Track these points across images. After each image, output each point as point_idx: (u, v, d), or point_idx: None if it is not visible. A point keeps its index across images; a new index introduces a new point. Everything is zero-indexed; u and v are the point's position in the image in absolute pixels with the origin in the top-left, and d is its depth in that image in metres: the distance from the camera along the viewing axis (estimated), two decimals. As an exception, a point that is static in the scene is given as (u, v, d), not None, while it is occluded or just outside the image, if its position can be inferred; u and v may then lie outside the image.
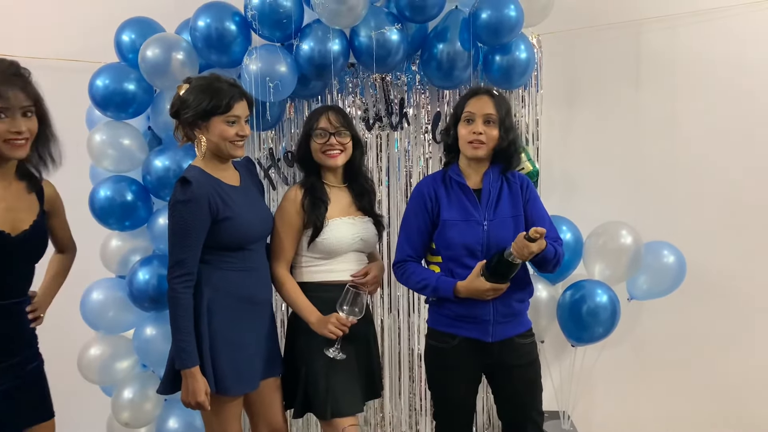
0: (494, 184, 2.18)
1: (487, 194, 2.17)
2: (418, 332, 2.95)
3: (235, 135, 2.05)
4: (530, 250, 1.97)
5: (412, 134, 2.91)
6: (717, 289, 3.07)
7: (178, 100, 2.06)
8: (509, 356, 2.18)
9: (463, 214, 2.16)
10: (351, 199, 2.30)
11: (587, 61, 3.04)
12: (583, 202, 3.01)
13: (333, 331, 2.10)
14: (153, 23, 2.71)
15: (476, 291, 2.09)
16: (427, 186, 2.23)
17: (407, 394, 3.00)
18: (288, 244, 2.22)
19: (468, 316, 2.15)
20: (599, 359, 3.02)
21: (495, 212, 2.16)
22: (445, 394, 2.26)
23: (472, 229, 2.14)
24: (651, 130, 3.05)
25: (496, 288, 2.08)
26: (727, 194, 3.03)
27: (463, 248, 2.14)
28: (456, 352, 2.18)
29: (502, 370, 2.21)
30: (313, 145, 2.23)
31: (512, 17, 2.53)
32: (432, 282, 2.15)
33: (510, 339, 2.18)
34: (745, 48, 2.98)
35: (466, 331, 2.16)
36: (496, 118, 2.14)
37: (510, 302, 2.16)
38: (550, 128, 2.96)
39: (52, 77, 2.83)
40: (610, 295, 2.74)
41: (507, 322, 2.17)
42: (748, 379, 3.11)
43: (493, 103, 2.15)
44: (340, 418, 2.14)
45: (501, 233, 2.13)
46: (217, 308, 2.06)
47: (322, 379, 2.16)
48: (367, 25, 2.54)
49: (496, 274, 2.05)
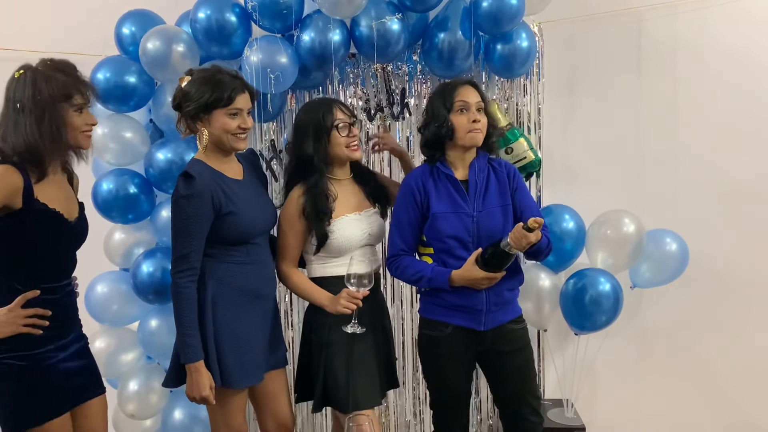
0: (481, 175, 2.21)
1: (474, 185, 2.19)
2: (422, 322, 2.96)
3: (237, 128, 2.04)
4: (528, 240, 2.00)
5: (414, 124, 2.90)
6: (719, 277, 3.08)
7: (180, 92, 2.06)
8: (501, 343, 2.23)
9: (453, 206, 2.18)
10: (358, 188, 2.29)
11: (589, 49, 3.03)
12: (585, 191, 3.01)
13: (346, 305, 2.08)
14: (153, 15, 2.71)
15: (471, 280, 2.12)
16: (415, 179, 2.24)
17: (411, 383, 3.01)
18: (293, 244, 2.20)
19: (461, 306, 2.18)
20: (602, 347, 3.03)
21: (483, 203, 2.18)
22: (441, 383, 2.30)
23: (461, 220, 2.17)
24: (653, 117, 3.04)
25: (491, 277, 2.11)
26: (730, 182, 3.03)
27: (453, 240, 2.17)
28: (449, 340, 2.22)
29: (494, 357, 2.25)
30: (339, 140, 2.17)
31: (513, 6, 2.52)
32: (427, 273, 2.17)
33: (502, 326, 2.23)
34: (746, 35, 2.96)
35: (459, 320, 2.20)
36: (483, 106, 2.20)
37: (501, 291, 2.20)
38: (551, 117, 2.95)
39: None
40: (612, 283, 2.74)
41: (499, 310, 2.21)
42: (750, 366, 3.12)
43: (478, 92, 2.21)
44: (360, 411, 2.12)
45: (490, 224, 2.16)
46: (221, 302, 2.07)
47: (342, 372, 2.15)
48: (368, 15, 2.53)
49: (491, 263, 2.08)
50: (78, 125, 1.89)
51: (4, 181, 1.79)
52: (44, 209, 1.85)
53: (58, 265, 1.96)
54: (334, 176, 2.24)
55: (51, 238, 1.89)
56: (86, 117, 1.92)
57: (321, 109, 2.19)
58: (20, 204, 1.81)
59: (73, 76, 1.90)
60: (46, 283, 1.91)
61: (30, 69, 1.86)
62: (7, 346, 1.85)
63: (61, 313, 1.95)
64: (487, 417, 2.95)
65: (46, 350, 1.90)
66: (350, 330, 2.11)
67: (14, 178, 1.80)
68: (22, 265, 1.87)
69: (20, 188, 1.80)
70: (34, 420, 1.87)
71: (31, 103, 1.81)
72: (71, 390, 1.96)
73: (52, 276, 1.93)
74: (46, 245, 1.89)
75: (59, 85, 1.84)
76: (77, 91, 1.88)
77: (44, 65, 1.89)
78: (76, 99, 1.87)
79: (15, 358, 1.85)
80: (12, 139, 1.81)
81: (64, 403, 1.94)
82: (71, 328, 2.01)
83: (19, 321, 1.84)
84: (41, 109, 1.81)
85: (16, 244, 1.85)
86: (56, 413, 1.90)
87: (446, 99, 2.19)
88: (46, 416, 1.88)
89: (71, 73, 1.90)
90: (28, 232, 1.84)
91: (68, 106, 1.86)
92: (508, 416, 2.32)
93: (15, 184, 1.80)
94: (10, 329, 1.83)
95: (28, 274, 1.88)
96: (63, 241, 1.94)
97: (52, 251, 1.91)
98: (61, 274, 1.97)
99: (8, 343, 1.85)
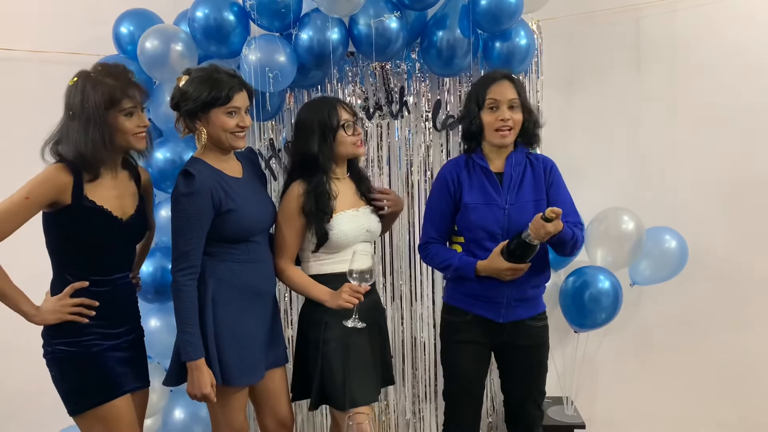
0: (517, 168, 2.21)
1: (509, 178, 2.19)
2: (421, 320, 2.96)
3: (235, 126, 2.04)
4: (546, 230, 1.99)
5: (413, 122, 2.90)
6: (719, 274, 3.08)
7: (178, 92, 2.06)
8: (519, 337, 2.24)
9: (485, 197, 2.19)
10: (354, 188, 2.30)
11: (587, 46, 3.03)
12: (584, 188, 2.99)
13: (348, 300, 2.07)
14: (151, 15, 2.70)
15: (496, 270, 2.13)
16: (449, 170, 2.26)
17: (411, 381, 3.02)
18: (291, 241, 2.20)
19: (482, 296, 2.21)
20: (602, 345, 3.03)
21: (517, 196, 2.19)
22: (456, 369, 2.32)
23: (492, 212, 2.18)
24: (652, 115, 3.04)
25: (514, 268, 2.11)
26: (729, 179, 3.03)
27: (483, 231, 2.18)
28: (468, 327, 2.25)
29: (511, 350, 2.28)
30: (346, 139, 2.18)
31: (512, 3, 2.52)
32: (454, 262, 2.20)
33: (522, 321, 2.24)
34: (744, 33, 2.96)
35: (479, 309, 2.23)
36: (518, 102, 2.17)
37: (525, 288, 2.21)
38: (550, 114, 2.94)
39: (50, 70, 2.86)
40: (612, 281, 2.74)
41: (519, 306, 2.22)
42: (750, 363, 3.12)
43: (514, 87, 2.18)
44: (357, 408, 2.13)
45: (522, 217, 2.15)
46: (222, 300, 2.07)
47: (339, 370, 2.15)
48: (366, 14, 2.53)
49: (514, 254, 2.09)
50: (128, 129, 1.96)
51: (52, 181, 1.88)
52: (92, 207, 1.93)
53: (108, 259, 2.03)
54: (335, 174, 2.24)
55: (99, 234, 1.97)
56: (137, 120, 1.98)
57: (325, 108, 2.18)
58: (69, 200, 1.90)
59: (122, 80, 1.94)
60: (96, 276, 2.00)
61: (82, 75, 1.94)
62: (58, 333, 1.97)
63: (111, 305, 2.03)
64: (487, 415, 2.95)
65: (92, 338, 1.98)
66: (350, 325, 2.10)
67: (62, 177, 1.89)
68: (74, 258, 1.98)
69: (68, 186, 1.89)
70: (89, 401, 1.98)
71: (80, 110, 1.89)
72: (118, 377, 2.03)
73: (102, 269, 2.01)
74: (94, 240, 1.97)
75: (106, 92, 1.90)
76: (125, 95, 1.93)
77: (95, 71, 1.96)
78: (124, 104, 1.93)
79: (65, 344, 1.97)
80: (65, 144, 1.91)
81: (116, 387, 2.01)
82: (124, 319, 2.08)
83: (66, 309, 1.96)
84: (88, 115, 1.89)
85: (68, 239, 1.95)
86: (108, 397, 1.99)
87: (479, 94, 2.20)
88: (99, 399, 1.98)
89: (121, 77, 1.95)
90: (78, 227, 1.94)
91: (116, 112, 1.93)
92: (512, 405, 2.37)
93: (62, 182, 1.89)
94: (56, 317, 1.95)
95: (79, 266, 1.99)
96: (112, 237, 2.01)
97: (101, 246, 1.99)
98: (112, 268, 2.05)
99: (58, 330, 1.96)
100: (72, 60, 2.82)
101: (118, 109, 1.93)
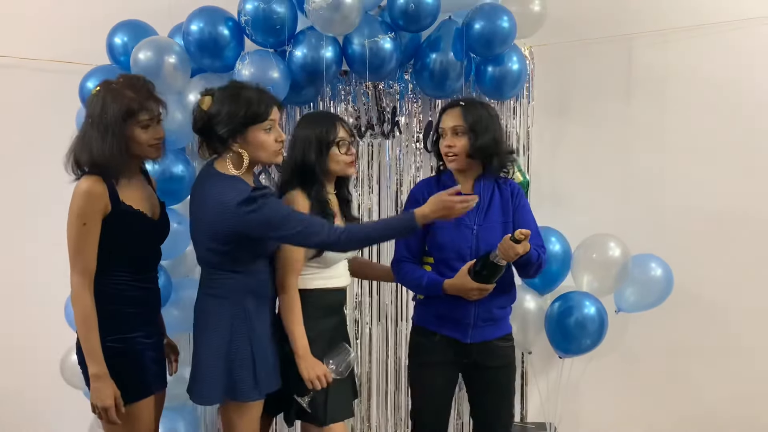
0: (485, 190, 2.24)
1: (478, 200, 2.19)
2: (405, 341, 2.94)
3: (274, 141, 2.02)
4: (515, 251, 2.03)
5: (404, 143, 2.91)
6: (703, 303, 3.09)
7: (204, 114, 1.99)
8: (485, 357, 2.26)
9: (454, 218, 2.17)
10: (339, 206, 2.30)
11: (579, 73, 3.05)
12: (572, 214, 3.02)
13: (319, 381, 2.09)
14: (145, 26, 2.70)
15: (462, 289, 2.15)
16: (420, 190, 2.29)
17: (393, 402, 2.99)
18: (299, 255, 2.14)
19: (450, 317, 2.23)
20: (586, 371, 3.02)
21: (485, 217, 2.23)
22: (424, 390, 2.33)
23: (461, 233, 2.21)
24: (640, 143, 3.06)
25: (481, 288, 2.13)
26: (715, 209, 3.05)
27: (452, 251, 2.21)
28: (436, 348, 2.26)
29: (477, 371, 2.29)
30: (338, 157, 2.17)
31: (505, 28, 2.55)
32: (423, 281, 2.22)
33: (488, 341, 2.26)
34: (735, 64, 3.00)
35: (447, 330, 2.25)
36: (463, 128, 2.19)
37: (490, 308, 2.23)
38: (540, 139, 2.97)
39: (43, 79, 2.85)
40: (597, 306, 2.74)
41: (486, 326, 2.24)
42: (734, 392, 3.12)
43: (461, 113, 2.20)
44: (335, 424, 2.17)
45: (490, 238, 2.19)
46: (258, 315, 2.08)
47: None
48: (361, 33, 2.54)
49: (480, 275, 2.11)
50: (144, 140, 1.99)
51: (93, 194, 1.93)
52: (129, 210, 2.00)
53: (146, 259, 2.10)
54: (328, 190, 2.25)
55: (140, 235, 2.04)
56: (153, 132, 2.01)
57: (325, 123, 2.20)
58: (110, 208, 1.96)
59: (142, 93, 1.98)
60: (137, 275, 2.05)
61: (104, 86, 1.98)
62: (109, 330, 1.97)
63: (150, 303, 2.11)
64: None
65: (137, 335, 2.04)
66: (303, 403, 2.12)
67: (99, 187, 1.94)
68: (120, 260, 2.01)
69: (105, 194, 1.95)
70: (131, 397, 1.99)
71: (99, 120, 1.93)
72: (152, 376, 2.09)
73: (144, 268, 2.09)
74: (136, 242, 2.04)
75: (125, 104, 1.93)
76: (142, 108, 1.96)
77: (117, 82, 2.00)
78: (141, 116, 1.96)
79: (115, 341, 1.99)
80: (84, 152, 1.95)
81: (149, 386, 2.06)
82: (156, 317, 2.18)
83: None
84: (106, 126, 1.92)
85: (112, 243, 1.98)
86: (139, 396, 2.02)
87: (438, 124, 2.26)
88: (132, 397, 2.00)
89: (140, 89, 1.99)
90: (120, 231, 1.98)
91: (133, 123, 1.96)
92: (480, 430, 2.37)
93: (101, 192, 1.94)
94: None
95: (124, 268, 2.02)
96: (149, 237, 2.09)
97: (141, 247, 2.06)
98: (151, 267, 2.13)
99: (108, 327, 1.97)
100: (65, 68, 2.82)
101: (135, 121, 1.96)
